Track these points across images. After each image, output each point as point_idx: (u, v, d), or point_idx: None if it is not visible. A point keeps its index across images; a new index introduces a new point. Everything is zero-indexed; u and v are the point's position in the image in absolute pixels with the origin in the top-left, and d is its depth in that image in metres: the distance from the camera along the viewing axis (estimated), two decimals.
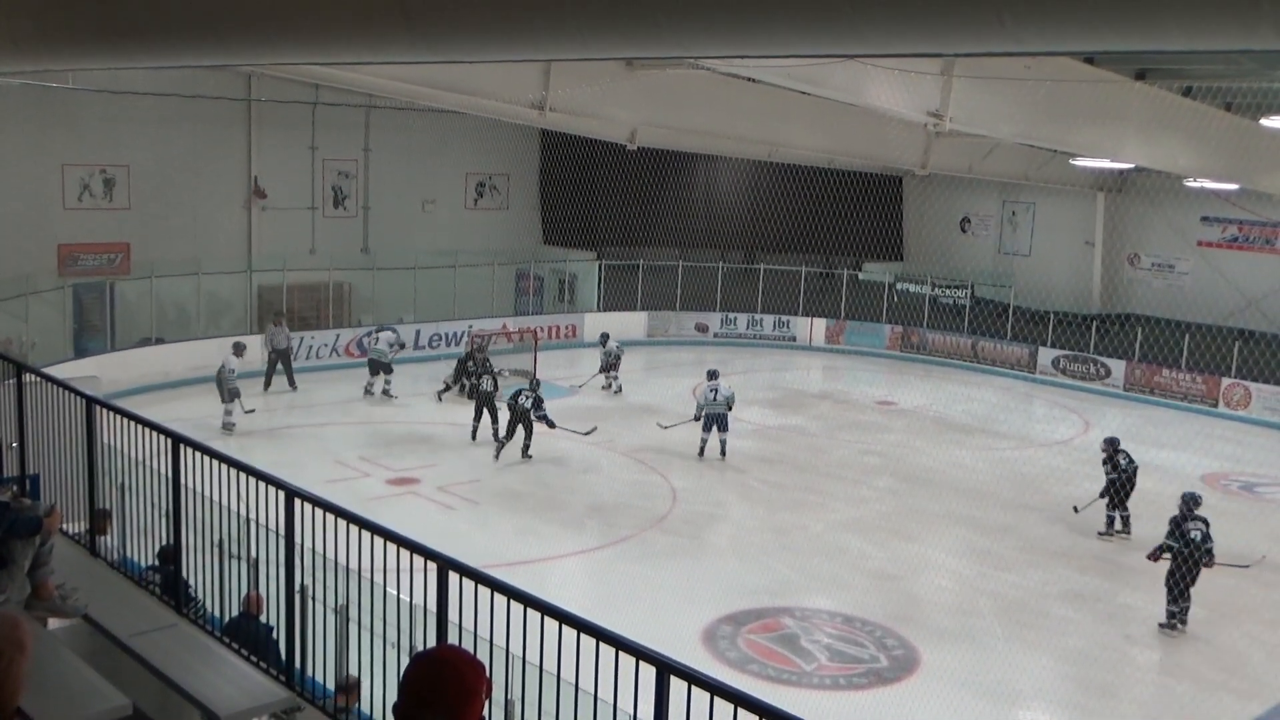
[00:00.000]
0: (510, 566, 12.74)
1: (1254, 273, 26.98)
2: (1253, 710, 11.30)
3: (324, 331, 25.82)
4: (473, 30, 5.11)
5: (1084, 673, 12.10)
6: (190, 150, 25.05)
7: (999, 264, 31.91)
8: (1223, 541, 16.22)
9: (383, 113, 27.34)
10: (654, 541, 15.51)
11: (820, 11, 3.86)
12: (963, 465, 20.09)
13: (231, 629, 7.11)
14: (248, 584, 7.45)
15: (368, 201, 28.73)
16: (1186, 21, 3.31)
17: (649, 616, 12.08)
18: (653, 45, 4.74)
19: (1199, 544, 13.08)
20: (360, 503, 13.31)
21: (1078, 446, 22.10)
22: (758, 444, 21.01)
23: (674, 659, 4.07)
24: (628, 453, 19.71)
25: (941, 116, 14.18)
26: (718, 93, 18.14)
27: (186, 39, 6.48)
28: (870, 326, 30.87)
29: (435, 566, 5.16)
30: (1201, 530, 13.24)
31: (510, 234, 31.21)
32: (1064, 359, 27.86)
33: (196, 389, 22.42)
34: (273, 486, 6.08)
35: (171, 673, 5.67)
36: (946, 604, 13.92)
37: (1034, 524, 16.87)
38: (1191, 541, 13.12)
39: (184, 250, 24.30)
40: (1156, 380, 26.24)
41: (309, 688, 6.19)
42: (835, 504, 17.54)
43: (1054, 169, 26.38)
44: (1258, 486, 19.71)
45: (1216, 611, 13.89)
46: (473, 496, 16.92)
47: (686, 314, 30.83)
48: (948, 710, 10.86)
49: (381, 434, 20.28)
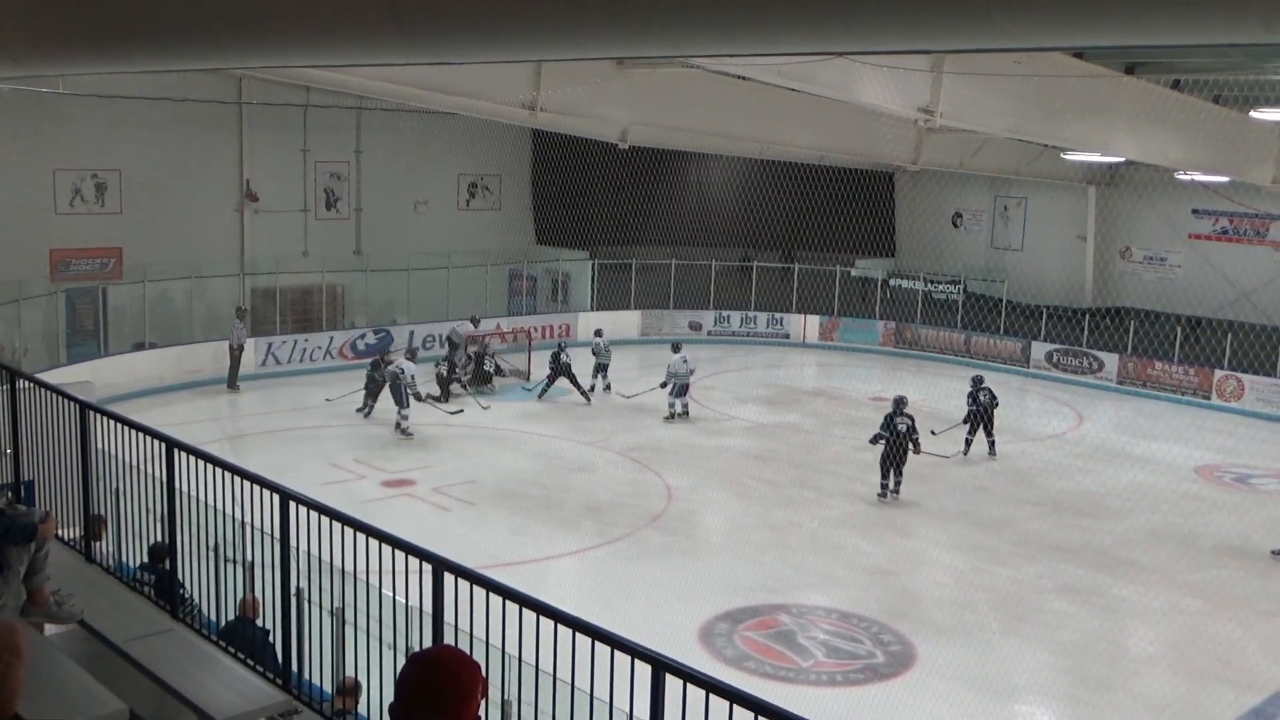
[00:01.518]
0: (506, 567, 12.75)
1: (1245, 265, 27.05)
2: (1249, 701, 11.33)
3: (318, 334, 25.80)
4: (464, 31, 5.10)
5: (1080, 666, 12.12)
6: (182, 154, 25.01)
7: (991, 259, 31.97)
8: (1216, 533, 16.38)
9: (374, 114, 27.33)
10: (649, 540, 15.52)
11: (810, 9, 3.86)
12: (957, 461, 20.11)
13: (228, 633, 7.10)
14: (243, 588, 7.45)
15: (360, 203, 28.71)
16: (1175, 15, 3.32)
17: (645, 615, 12.11)
18: (644, 44, 4.75)
19: (904, 434, 17.32)
20: (356, 505, 13.29)
21: (1072, 440, 22.17)
22: (752, 441, 21.04)
23: (669, 657, 4.07)
24: (622, 451, 19.72)
25: (932, 112, 14.18)
26: (709, 91, 18.13)
27: (178, 42, 6.47)
28: (863, 323, 30.93)
29: (430, 568, 5.16)
30: (908, 424, 17.41)
31: (503, 234, 31.21)
32: (1057, 353, 27.93)
33: (191, 393, 22.43)
34: (267, 490, 6.07)
35: (168, 677, 5.67)
36: (942, 599, 13.95)
37: (1029, 518, 16.90)
38: (899, 432, 17.30)
39: (176, 254, 24.27)
40: (1149, 373, 26.31)
41: (306, 691, 6.18)
42: (830, 500, 17.56)
43: (1045, 163, 26.43)
44: (1251, 478, 19.77)
45: (1212, 603, 13.95)
46: (468, 497, 16.92)
47: (680, 312, 30.85)
48: (944, 705, 10.88)
49: (376, 436, 20.27)
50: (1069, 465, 20.03)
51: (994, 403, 20.10)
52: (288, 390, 23.53)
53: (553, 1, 4.60)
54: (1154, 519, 17.11)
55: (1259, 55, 14.38)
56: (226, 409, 21.92)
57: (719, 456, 19.86)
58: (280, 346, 24.96)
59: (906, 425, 17.36)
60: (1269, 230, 26.72)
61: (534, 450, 19.75)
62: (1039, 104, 15.22)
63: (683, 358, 22.19)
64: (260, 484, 6.13)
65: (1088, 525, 16.68)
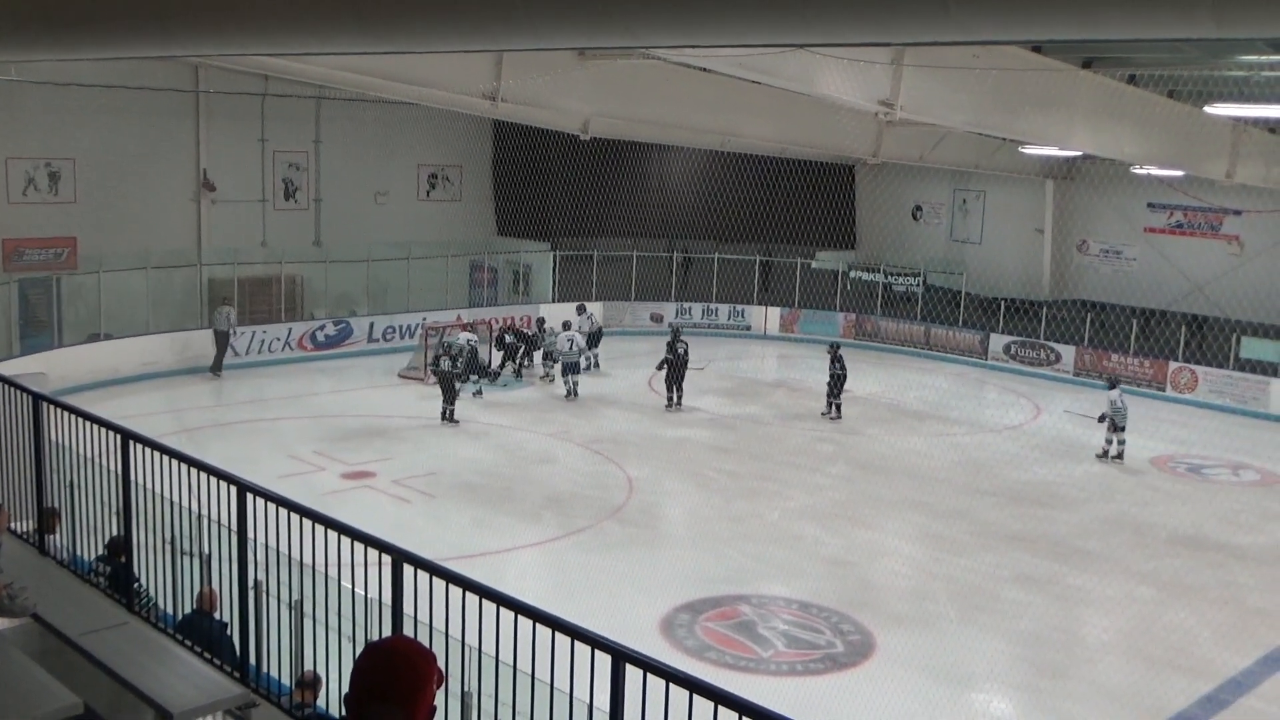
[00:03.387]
0: (467, 559, 12.73)
1: (1199, 258, 27.39)
2: (1202, 688, 11.51)
3: (276, 325, 25.58)
4: (422, 20, 5.08)
5: (1036, 654, 12.26)
6: (137, 143, 24.70)
7: (951, 251, 32.18)
8: (1170, 523, 16.61)
9: (333, 104, 27.11)
10: (611, 532, 15.53)
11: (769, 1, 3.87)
12: (916, 451, 20.27)
13: (185, 626, 7.05)
14: (200, 581, 7.39)
15: (319, 194, 28.48)
16: (1127, 10, 3.36)
17: (607, 607, 12.12)
18: (603, 35, 4.74)
19: (682, 355, 22.16)
20: (315, 497, 13.25)
21: (1029, 431, 22.40)
22: (713, 433, 21.10)
23: (629, 647, 4.08)
24: (583, 443, 19.72)
25: (892, 105, 14.26)
26: (670, 83, 18.15)
27: (131, 29, 6.39)
28: (824, 315, 31.07)
29: (390, 560, 5.15)
30: (685, 346, 22.40)
31: (464, 225, 31.06)
32: (1015, 345, 28.19)
33: (147, 385, 22.19)
34: (224, 482, 6.03)
35: (123, 671, 5.61)
36: (901, 589, 14.06)
37: (987, 508, 17.06)
38: (679, 355, 22.16)
39: (132, 244, 23.98)
40: (1106, 365, 26.61)
41: (264, 684, 6.15)
42: (791, 492, 17.65)
43: (1004, 157, 26.63)
44: (1204, 468, 20.06)
45: (1166, 591, 14.15)
46: (429, 490, 16.86)
47: (641, 304, 30.86)
48: (903, 694, 10.97)
49: (336, 428, 20.15)
50: (1026, 456, 20.24)
51: (844, 374, 22.18)
52: (246, 382, 23.34)
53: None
54: (1109, 509, 17.33)
55: (1213, 51, 14.54)
56: (184, 401, 21.71)
57: (680, 448, 19.90)
58: (238, 338, 24.74)
59: (684, 348, 22.35)
60: (1223, 224, 27.07)
61: (495, 442, 19.72)
62: (997, 98, 15.34)
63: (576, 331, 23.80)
64: (217, 476, 6.09)
65: (1044, 515, 16.86)
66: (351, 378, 23.78)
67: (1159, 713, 10.96)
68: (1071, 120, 16.99)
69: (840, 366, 22.08)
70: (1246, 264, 26.44)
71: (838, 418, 22.01)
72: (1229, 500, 18.30)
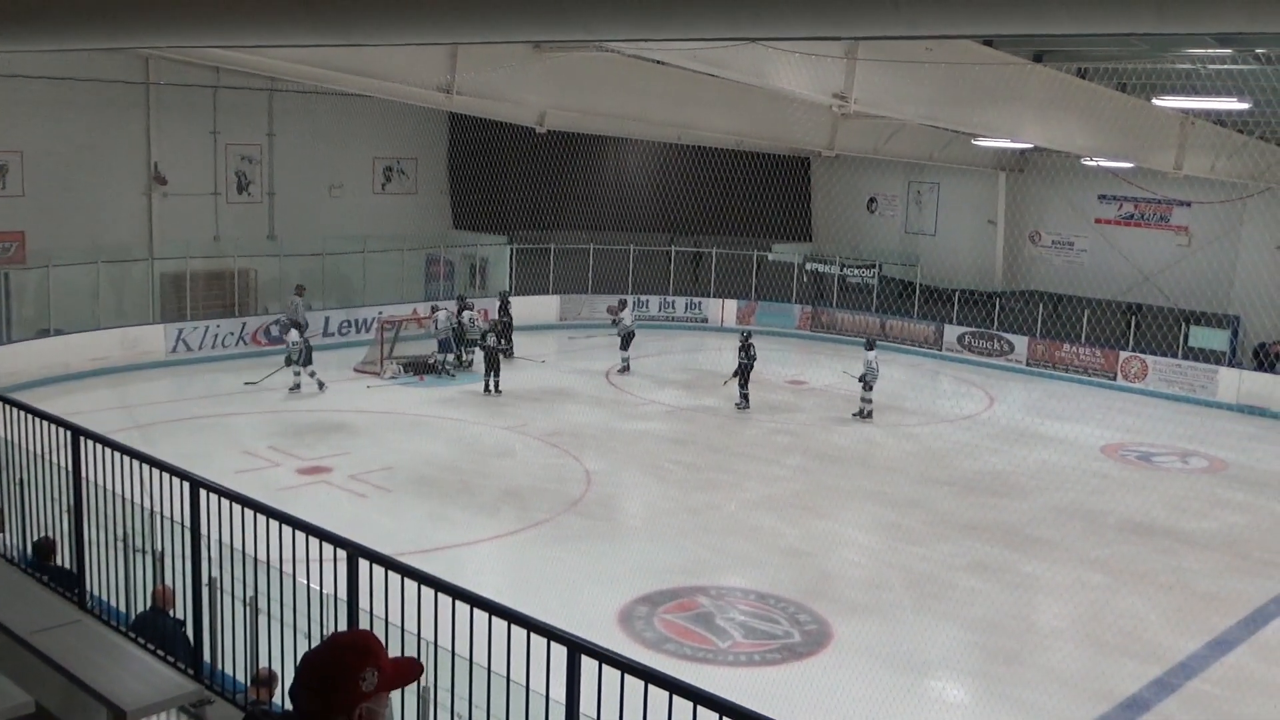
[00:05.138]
0: (425, 553, 12.70)
1: (1149, 248, 27.77)
2: (1152, 672, 11.70)
3: (230, 319, 25.34)
4: (375, 12, 5.06)
5: (990, 641, 12.41)
6: (87, 135, 24.34)
7: (905, 243, 32.43)
8: (1120, 510, 16.84)
9: (286, 96, 26.86)
10: (569, 524, 15.54)
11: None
12: (872, 442, 20.44)
13: (139, 624, 6.99)
14: (154, 578, 7.32)
15: (273, 187, 28.21)
16: (1073, 6, 3.41)
17: (565, 600, 12.14)
18: (557, 28, 4.74)
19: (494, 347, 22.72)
20: (270, 493, 13.12)
21: (983, 421, 22.63)
22: (671, 425, 21.15)
23: (585, 639, 4.10)
24: (541, 436, 19.71)
25: (846, 98, 14.36)
26: (626, 75, 18.15)
27: (77, 20, 6.31)
28: (780, 307, 31.21)
29: (346, 555, 5.13)
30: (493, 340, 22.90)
31: (419, 218, 30.91)
32: (969, 335, 28.47)
33: (98, 381, 21.92)
34: (177, 478, 5.98)
35: (75, 669, 5.55)
36: (857, 578, 14.18)
37: (941, 498, 17.23)
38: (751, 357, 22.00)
39: (82, 239, 23.66)
40: (1058, 355, 26.95)
41: (219, 681, 6.11)
42: (748, 483, 17.73)
43: (957, 149, 26.87)
44: (1154, 456, 20.36)
45: (1116, 578, 14.36)
46: (385, 484, 16.78)
47: (599, 297, 30.83)
48: (860, 682, 11.07)
49: (292, 423, 20.01)
50: (980, 445, 20.45)
51: (752, 362, 22.34)
52: (200, 377, 23.12)
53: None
54: (1061, 497, 17.56)
55: (1160, 44, 14.75)
56: (136, 397, 21.45)
57: (638, 441, 19.94)
58: (191, 332, 24.50)
59: (494, 340, 23.34)
60: (1171, 215, 27.45)
61: (452, 436, 19.66)
62: (950, 91, 15.48)
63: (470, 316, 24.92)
64: (169, 471, 6.03)
65: (998, 504, 17.05)
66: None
67: (1110, 697, 11.13)
68: (1023, 113, 17.18)
69: (748, 355, 22.22)
70: (1194, 254, 26.84)
71: (745, 406, 22.12)
72: (1178, 487, 18.60)
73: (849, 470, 18.50)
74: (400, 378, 23.65)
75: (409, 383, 23.39)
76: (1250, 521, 16.98)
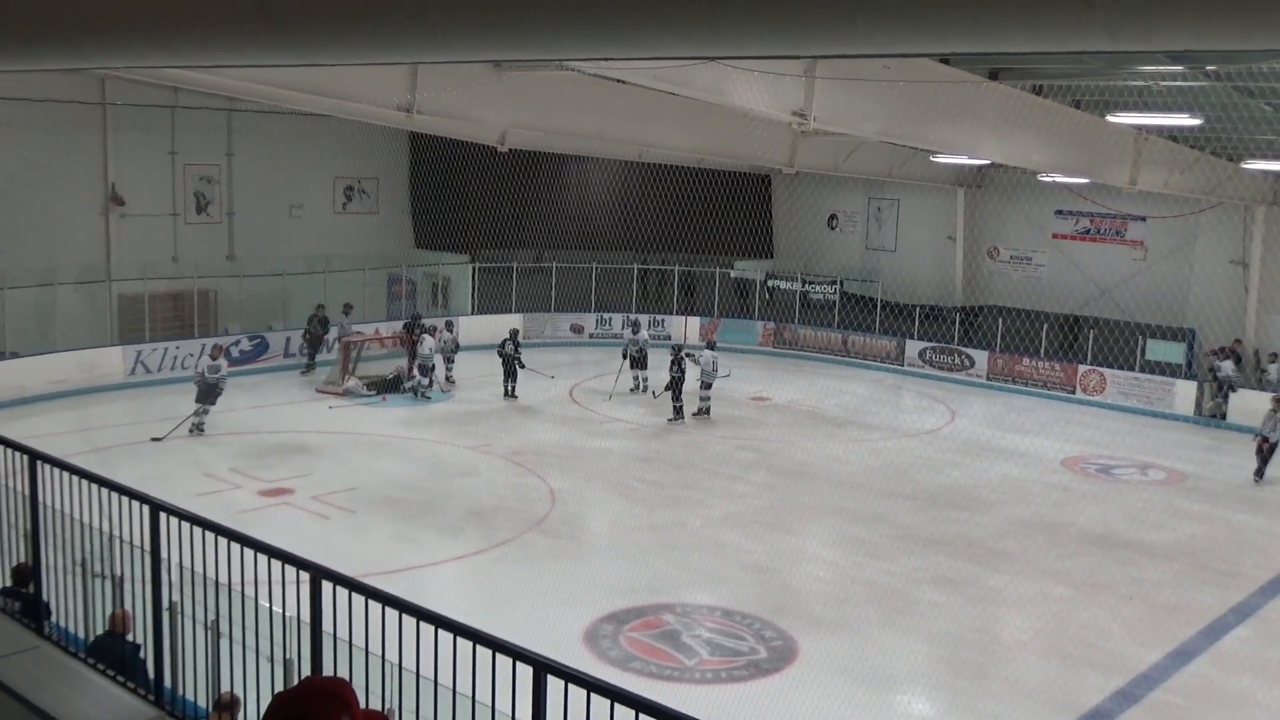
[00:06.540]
0: (388, 575, 12.60)
1: (1105, 263, 28.13)
2: (1114, 683, 11.79)
3: (190, 341, 25.09)
4: (335, 32, 5.04)
5: (955, 654, 12.46)
6: (43, 156, 24.08)
7: (866, 260, 32.66)
8: (1081, 522, 16.99)
9: (246, 116, 26.72)
10: (534, 544, 15.48)
11: (678, 14, 3.92)
12: (836, 457, 20.53)
13: (96, 649, 6.89)
14: (113, 603, 7.23)
15: (232, 207, 28.03)
16: (1025, 25, 3.46)
17: (531, 619, 12.08)
18: (517, 47, 4.75)
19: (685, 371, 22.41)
20: (231, 516, 13.05)
21: (945, 435, 22.78)
22: (635, 443, 21.15)
23: (550, 659, 4.09)
24: (505, 455, 19.64)
25: (806, 116, 14.44)
26: (587, 94, 18.19)
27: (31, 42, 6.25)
28: (743, 323, 31.33)
29: (308, 577, 5.09)
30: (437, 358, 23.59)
31: (381, 238, 30.84)
32: (930, 350, 28.68)
33: (55, 404, 21.64)
34: (136, 501, 5.92)
35: (33, 696, 5.48)
36: (822, 594, 14.20)
37: (905, 512, 17.31)
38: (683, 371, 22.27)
39: (38, 260, 23.36)
40: (1018, 369, 27.21)
41: (180, 706, 6.04)
42: (713, 500, 17.74)
43: (916, 166, 27.12)
44: (1114, 469, 20.56)
45: (1078, 589, 14.47)
46: (348, 505, 16.66)
47: (561, 315, 30.83)
48: (826, 697, 11.08)
49: (253, 445, 19.83)
50: (943, 460, 20.59)
51: (682, 376, 22.68)
52: (159, 399, 22.85)
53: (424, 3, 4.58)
54: (1023, 510, 17.69)
55: (1114, 62, 14.94)
56: (94, 420, 21.18)
57: (602, 459, 19.92)
58: (150, 354, 24.23)
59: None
60: (1127, 229, 27.82)
61: (416, 455, 19.56)
62: (908, 108, 15.61)
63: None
64: (128, 495, 5.97)
65: (961, 518, 17.16)
66: (268, 393, 23.42)
67: (1074, 708, 11.20)
68: (980, 129, 17.36)
69: (679, 370, 22.54)
70: (1150, 268, 27.21)
71: (677, 419, 22.39)
72: (1137, 499, 18.79)
73: (813, 485, 18.55)
74: (361, 395, 23.50)
75: (372, 402, 23.27)
76: (1208, 532, 17.19)
